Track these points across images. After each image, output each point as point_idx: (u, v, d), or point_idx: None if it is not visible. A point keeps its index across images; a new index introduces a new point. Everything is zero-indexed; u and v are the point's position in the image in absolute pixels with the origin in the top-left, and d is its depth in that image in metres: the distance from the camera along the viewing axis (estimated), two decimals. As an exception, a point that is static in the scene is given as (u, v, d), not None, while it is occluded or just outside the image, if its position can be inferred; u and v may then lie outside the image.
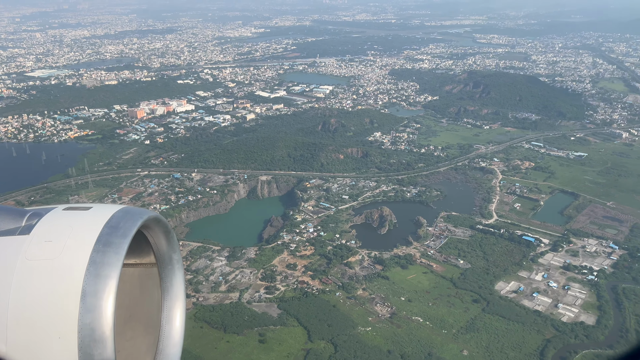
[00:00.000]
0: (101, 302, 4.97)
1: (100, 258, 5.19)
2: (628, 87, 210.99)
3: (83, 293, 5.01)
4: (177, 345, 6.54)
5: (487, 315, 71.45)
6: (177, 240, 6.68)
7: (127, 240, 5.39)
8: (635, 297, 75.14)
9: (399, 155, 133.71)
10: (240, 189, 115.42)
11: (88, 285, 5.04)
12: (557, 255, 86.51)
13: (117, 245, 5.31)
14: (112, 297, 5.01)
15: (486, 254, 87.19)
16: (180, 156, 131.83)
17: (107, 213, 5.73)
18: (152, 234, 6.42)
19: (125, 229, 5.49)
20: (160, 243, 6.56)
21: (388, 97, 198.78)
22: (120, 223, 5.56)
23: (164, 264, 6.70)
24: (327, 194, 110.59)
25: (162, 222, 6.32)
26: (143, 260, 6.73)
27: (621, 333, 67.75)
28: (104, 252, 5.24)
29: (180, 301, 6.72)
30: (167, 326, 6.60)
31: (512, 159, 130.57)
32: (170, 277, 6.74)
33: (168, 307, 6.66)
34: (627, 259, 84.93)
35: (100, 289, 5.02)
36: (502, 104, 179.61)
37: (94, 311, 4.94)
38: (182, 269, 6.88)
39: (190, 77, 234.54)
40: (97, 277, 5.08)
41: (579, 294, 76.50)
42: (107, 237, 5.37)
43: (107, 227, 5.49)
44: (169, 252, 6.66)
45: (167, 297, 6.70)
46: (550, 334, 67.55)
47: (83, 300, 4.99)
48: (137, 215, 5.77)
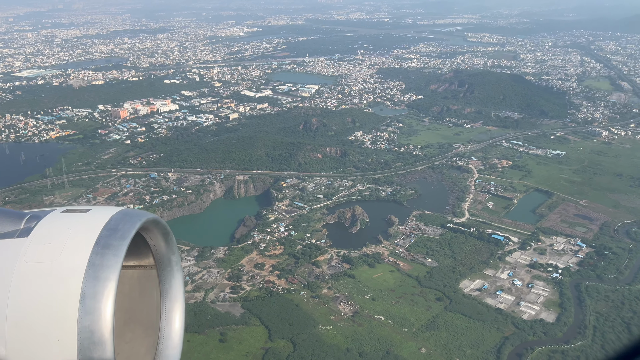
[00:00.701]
0: (100, 305, 4.96)
1: (99, 260, 5.18)
2: (613, 85, 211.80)
3: (82, 295, 4.99)
4: (176, 347, 6.53)
5: (449, 313, 71.93)
6: (175, 242, 6.71)
7: (126, 242, 5.39)
8: (598, 295, 75.70)
9: (378, 155, 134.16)
10: (216, 189, 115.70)
11: (87, 287, 5.02)
12: (525, 254, 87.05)
13: (116, 248, 5.30)
14: (111, 300, 5.00)
15: (454, 252, 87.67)
16: (159, 156, 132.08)
17: (105, 215, 5.71)
18: (150, 235, 6.42)
19: (124, 231, 5.49)
20: (159, 245, 6.55)
21: (373, 96, 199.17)
22: (119, 225, 5.55)
23: (162, 265, 6.69)
24: (303, 193, 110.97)
25: (161, 224, 6.32)
26: (142, 262, 6.71)
27: (579, 330, 68.33)
28: (102, 254, 5.23)
29: (180, 303, 6.71)
30: (167, 328, 6.59)
31: (490, 157, 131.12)
32: (169, 279, 6.72)
33: (167, 309, 6.65)
34: (593, 256, 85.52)
35: (99, 292, 5.01)
36: (486, 102, 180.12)
37: (93, 313, 4.93)
38: (181, 271, 6.91)
39: (177, 76, 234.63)
40: (96, 280, 5.07)
41: (542, 291, 77.06)
42: (106, 239, 5.37)
43: (106, 229, 5.48)
44: (167, 254, 6.65)
45: (166, 299, 6.68)
46: (509, 332, 68.08)
47: (82, 303, 4.97)
48: (136, 217, 5.77)
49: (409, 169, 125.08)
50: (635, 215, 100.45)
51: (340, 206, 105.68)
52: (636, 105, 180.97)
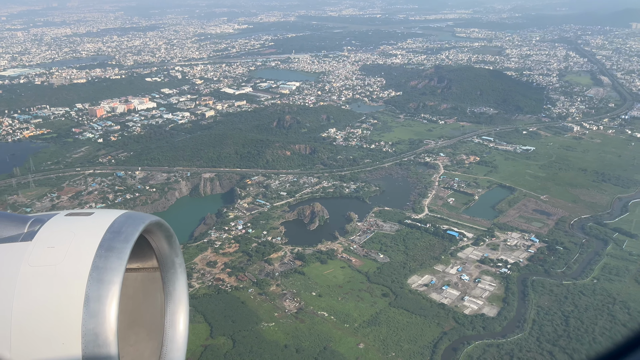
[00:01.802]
0: (104, 307, 4.99)
1: (103, 263, 5.21)
2: (593, 80, 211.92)
3: (86, 298, 5.02)
4: (181, 349, 6.55)
5: (393, 309, 72.60)
6: (179, 244, 6.78)
7: (129, 245, 5.42)
8: (542, 289, 76.36)
9: (348, 152, 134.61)
10: (182, 187, 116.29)
11: (91, 290, 5.05)
12: (477, 249, 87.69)
13: (120, 250, 5.33)
14: (115, 302, 5.04)
15: (408, 248, 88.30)
16: (130, 154, 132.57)
17: (109, 218, 5.74)
18: (154, 238, 6.45)
19: (127, 234, 5.52)
20: (163, 247, 6.59)
21: (353, 93, 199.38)
22: (122, 228, 5.58)
23: (166, 268, 6.72)
24: (266, 190, 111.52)
25: (164, 227, 6.35)
26: (145, 265, 6.75)
27: (518, 324, 69.03)
28: (106, 257, 5.26)
29: (184, 305, 6.76)
30: (171, 330, 6.60)
31: (459, 153, 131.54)
32: (173, 281, 6.76)
33: (171, 311, 6.67)
34: (544, 252, 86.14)
35: (104, 294, 5.04)
36: (463, 98, 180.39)
37: (98, 316, 4.97)
38: (185, 273, 7.00)
39: (160, 74, 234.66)
40: (100, 282, 5.10)
41: (488, 286, 77.70)
42: (110, 242, 5.40)
43: (109, 232, 5.52)
44: (171, 256, 6.71)
45: (170, 301, 6.71)
46: (449, 327, 68.76)
47: (86, 306, 5.00)
48: (139, 220, 5.80)
49: (377, 165, 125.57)
50: (593, 210, 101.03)
51: (302, 203, 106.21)
52: (613, 99, 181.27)
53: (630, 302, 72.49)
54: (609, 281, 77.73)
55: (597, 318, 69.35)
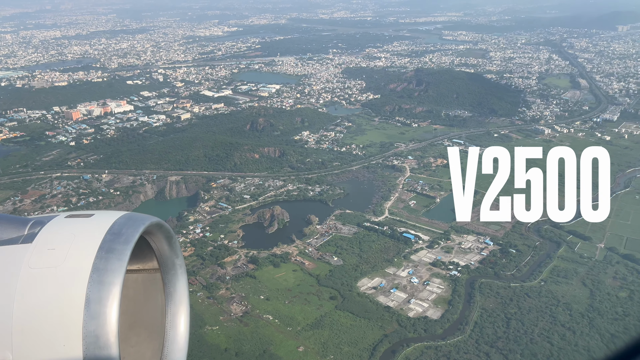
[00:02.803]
0: (105, 309, 5.00)
1: (103, 265, 5.22)
2: (572, 83, 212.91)
3: (87, 300, 5.03)
4: (182, 350, 6.60)
5: (338, 311, 73.10)
6: (179, 246, 6.83)
7: (129, 246, 5.43)
8: (489, 291, 76.99)
9: (318, 155, 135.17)
10: (147, 190, 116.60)
11: (92, 292, 5.06)
12: (431, 252, 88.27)
13: (120, 252, 5.35)
14: (116, 304, 5.05)
15: (362, 251, 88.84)
16: (99, 157, 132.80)
17: (109, 220, 5.76)
18: (154, 239, 6.48)
19: (127, 235, 5.54)
20: (163, 248, 6.61)
21: (331, 95, 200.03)
22: (123, 229, 5.60)
23: (166, 269, 6.73)
24: (230, 194, 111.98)
25: (165, 228, 6.42)
26: (146, 266, 6.76)
27: (460, 326, 69.64)
28: (106, 258, 5.27)
29: (184, 306, 6.80)
30: (172, 331, 6.63)
31: (427, 156, 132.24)
32: (173, 282, 6.78)
33: (172, 312, 6.70)
34: (496, 254, 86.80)
35: (104, 296, 5.06)
36: (439, 101, 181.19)
37: (98, 318, 4.98)
38: (185, 274, 7.05)
39: (142, 77, 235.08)
40: (101, 284, 5.11)
41: (436, 289, 78.28)
42: (110, 243, 5.41)
43: (110, 233, 5.53)
44: (171, 257, 6.71)
45: (171, 302, 6.73)
46: (391, 329, 69.29)
47: (87, 308, 5.01)
48: (139, 221, 5.84)
49: (344, 168, 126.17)
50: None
51: (265, 206, 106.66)
52: (588, 102, 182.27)
53: (573, 304, 73.17)
54: (556, 283, 78.41)
55: (538, 320, 69.99)
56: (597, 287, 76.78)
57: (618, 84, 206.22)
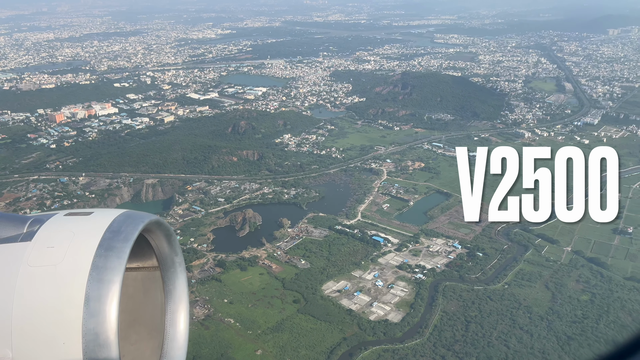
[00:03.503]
0: (105, 307, 5.02)
1: (103, 263, 5.23)
2: (558, 86, 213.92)
3: (86, 298, 5.05)
4: (181, 348, 6.81)
5: (300, 315, 73.36)
6: (179, 243, 6.85)
7: (129, 244, 5.45)
8: (453, 295, 77.34)
9: (297, 158, 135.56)
10: (123, 193, 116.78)
11: (91, 290, 5.08)
12: (399, 255, 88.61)
13: (119, 250, 5.37)
14: (115, 302, 5.06)
15: (331, 254, 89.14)
16: (78, 160, 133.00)
17: (108, 218, 5.78)
18: (153, 237, 6.50)
19: (126, 233, 5.56)
20: (162, 246, 6.63)
21: (317, 98, 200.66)
22: (122, 227, 5.61)
23: (166, 267, 6.75)
24: (205, 197, 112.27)
25: (164, 226, 6.45)
26: (145, 264, 6.77)
27: (420, 329, 69.94)
28: (106, 256, 5.28)
29: (184, 304, 6.87)
30: (171, 329, 6.74)
31: (405, 159, 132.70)
32: (173, 280, 6.80)
33: (172, 310, 6.75)
34: (463, 257, 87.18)
35: (104, 294, 5.07)
36: (423, 105, 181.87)
37: (98, 316, 5.00)
38: (185, 272, 7.08)
39: (130, 80, 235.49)
40: (100, 282, 5.13)
41: (400, 292, 78.61)
42: (109, 241, 5.42)
43: (109, 231, 5.54)
44: (171, 255, 6.73)
45: (171, 300, 6.76)
46: (350, 333, 69.56)
47: (86, 305, 5.02)
48: (139, 219, 5.86)
49: (322, 171, 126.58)
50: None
51: (240, 210, 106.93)
52: (571, 106, 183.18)
53: (534, 307, 73.59)
54: (520, 286, 78.82)
55: (498, 323, 70.37)
56: (559, 290, 77.24)
57: (603, 87, 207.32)
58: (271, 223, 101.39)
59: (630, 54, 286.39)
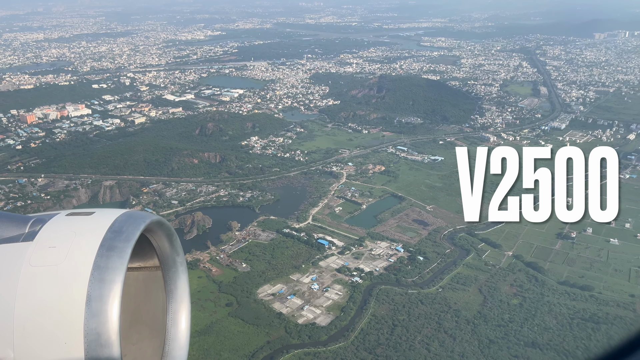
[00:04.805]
0: (106, 307, 5.03)
1: (105, 263, 5.24)
2: (533, 90, 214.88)
3: (88, 298, 5.05)
4: (183, 348, 6.67)
5: (230, 318, 73.76)
6: (180, 243, 6.85)
7: (130, 244, 5.47)
8: (385, 298, 77.76)
9: (260, 160, 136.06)
10: (81, 195, 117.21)
11: (93, 290, 5.09)
12: (341, 258, 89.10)
13: (121, 250, 5.38)
14: (117, 302, 5.07)
15: (273, 257, 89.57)
16: (42, 161, 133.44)
17: (110, 218, 5.79)
18: (155, 237, 6.50)
19: (128, 233, 5.57)
20: (164, 246, 6.64)
21: (292, 101, 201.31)
22: (124, 227, 5.63)
23: (167, 266, 6.76)
24: (160, 199, 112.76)
25: (165, 225, 6.44)
26: (147, 264, 6.79)
27: (346, 332, 70.33)
28: (107, 256, 5.29)
29: (186, 304, 6.86)
30: (173, 329, 6.67)
31: (367, 163, 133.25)
32: (174, 280, 6.80)
33: (173, 310, 6.74)
34: (403, 261, 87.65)
35: (105, 294, 5.07)
36: (394, 108, 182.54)
37: (100, 316, 5.00)
38: (186, 272, 7.09)
39: (109, 81, 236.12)
40: (102, 282, 5.13)
41: (334, 295, 79.06)
42: (111, 241, 5.44)
43: (111, 231, 5.55)
44: (172, 255, 6.74)
45: (172, 300, 6.77)
46: (276, 336, 69.96)
47: (88, 305, 5.03)
48: (140, 219, 5.87)
49: (282, 174, 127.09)
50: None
51: (192, 212, 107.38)
52: (543, 110, 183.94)
53: (463, 311, 74.04)
54: (453, 290, 79.31)
55: (424, 326, 70.82)
56: (491, 294, 77.72)
57: (577, 92, 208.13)
58: (221, 226, 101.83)
59: (612, 59, 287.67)
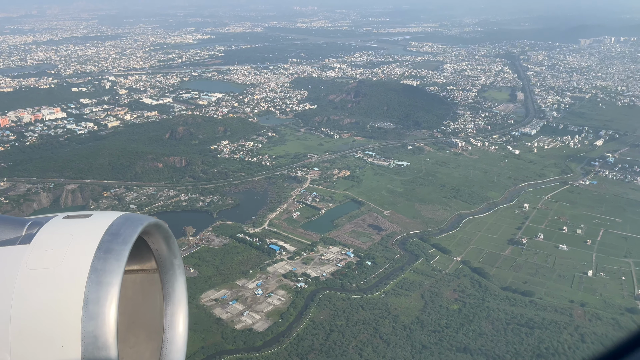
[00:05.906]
0: (104, 310, 5.01)
1: (102, 265, 5.23)
2: (510, 96, 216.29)
3: (85, 301, 5.04)
4: (180, 350, 6.63)
5: (169, 322, 73.74)
6: (177, 246, 6.84)
7: (127, 246, 5.44)
8: (327, 303, 77.94)
9: (226, 165, 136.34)
10: (42, 198, 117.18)
11: (90, 292, 5.07)
12: (289, 264, 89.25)
13: (118, 252, 5.36)
14: (114, 304, 5.05)
15: (223, 262, 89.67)
16: (7, 165, 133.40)
17: (107, 220, 5.78)
18: (152, 239, 6.47)
19: (125, 236, 5.54)
20: (161, 248, 6.62)
21: (268, 105, 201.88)
22: (121, 230, 5.61)
23: (165, 269, 6.74)
24: (119, 203, 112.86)
25: (163, 228, 6.40)
26: (144, 267, 6.77)
27: (282, 338, 70.44)
28: (105, 259, 5.28)
29: (183, 306, 6.86)
30: (170, 332, 6.67)
31: (333, 168, 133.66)
32: (172, 283, 6.80)
33: (170, 312, 6.74)
34: (351, 266, 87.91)
35: (103, 296, 5.06)
36: (369, 113, 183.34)
37: (97, 318, 4.99)
38: (184, 274, 7.06)
39: (89, 84, 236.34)
40: (99, 285, 5.12)
41: (276, 301, 79.21)
42: (108, 244, 5.42)
43: (108, 234, 5.54)
44: (169, 258, 6.72)
45: (170, 302, 6.76)
46: (212, 341, 70.05)
47: (85, 308, 5.01)
48: (137, 222, 5.82)
49: (246, 179, 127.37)
50: (427, 226, 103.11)
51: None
52: (517, 116, 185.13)
53: (402, 316, 74.31)
54: (396, 295, 79.61)
55: (360, 332, 71.03)
56: (432, 300, 78.05)
57: (553, 97, 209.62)
58: (175, 231, 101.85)
59: (594, 64, 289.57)
